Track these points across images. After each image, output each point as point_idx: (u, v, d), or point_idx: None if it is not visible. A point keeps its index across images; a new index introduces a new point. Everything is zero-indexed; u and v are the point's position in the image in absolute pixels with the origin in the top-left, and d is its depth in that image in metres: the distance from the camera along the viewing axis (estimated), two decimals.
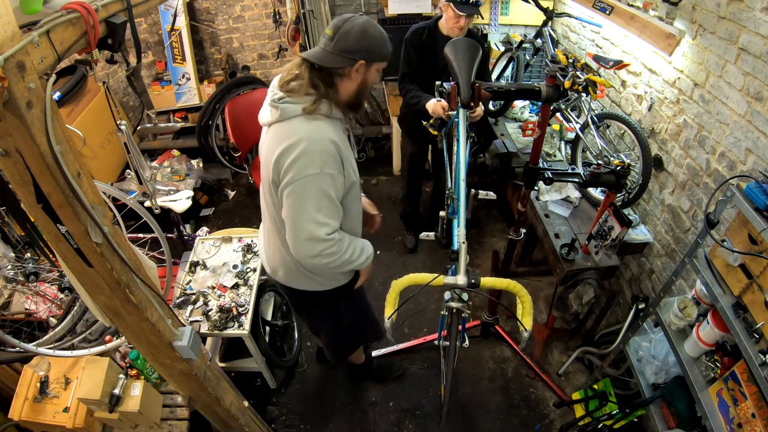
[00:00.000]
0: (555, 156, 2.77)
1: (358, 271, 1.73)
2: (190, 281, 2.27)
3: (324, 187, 1.32)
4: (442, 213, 2.33)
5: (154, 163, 3.63)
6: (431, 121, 2.35)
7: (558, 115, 2.72)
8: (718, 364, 1.57)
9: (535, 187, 2.35)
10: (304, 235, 1.35)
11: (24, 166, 0.85)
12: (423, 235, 2.23)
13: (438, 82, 2.30)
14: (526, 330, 1.45)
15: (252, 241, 2.46)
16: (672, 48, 1.96)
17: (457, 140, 1.94)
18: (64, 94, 3.10)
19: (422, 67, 2.49)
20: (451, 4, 2.29)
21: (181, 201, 2.85)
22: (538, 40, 2.82)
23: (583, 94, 2.20)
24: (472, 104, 1.86)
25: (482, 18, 2.40)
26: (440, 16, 2.44)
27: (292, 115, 1.32)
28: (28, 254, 2.01)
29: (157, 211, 2.33)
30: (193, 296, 2.17)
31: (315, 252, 1.38)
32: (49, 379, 1.93)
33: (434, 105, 2.28)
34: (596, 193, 2.47)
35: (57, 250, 1.05)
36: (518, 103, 3.24)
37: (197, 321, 2.07)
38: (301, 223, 1.35)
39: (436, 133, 2.37)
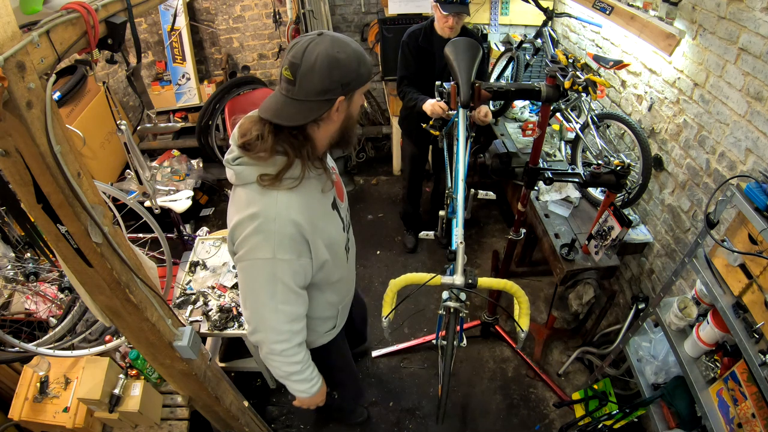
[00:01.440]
0: (555, 156, 2.77)
1: (334, 343, 1.57)
2: (190, 281, 2.27)
3: (277, 273, 1.10)
4: (441, 212, 2.32)
5: (154, 163, 3.63)
6: (431, 122, 2.35)
7: (558, 115, 2.72)
8: (718, 364, 1.57)
9: (535, 187, 2.34)
10: (259, 324, 1.18)
11: (24, 166, 0.85)
12: (422, 234, 2.23)
13: (438, 82, 2.30)
14: (522, 331, 1.46)
15: None
16: (672, 48, 1.96)
17: (457, 140, 1.94)
18: (64, 94, 3.10)
19: (420, 69, 2.49)
20: (438, 4, 2.29)
21: (181, 201, 2.85)
22: (538, 40, 2.82)
23: (583, 94, 2.20)
24: (471, 104, 1.86)
25: (469, 15, 2.37)
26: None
27: (249, 182, 1.08)
28: (28, 254, 2.01)
29: (157, 211, 2.34)
30: (193, 296, 2.17)
31: (265, 341, 1.21)
32: (49, 379, 1.93)
33: (432, 105, 2.28)
34: (596, 193, 2.47)
35: (57, 250, 1.05)
36: (518, 103, 3.24)
37: (197, 321, 2.07)
38: (255, 308, 1.17)
39: (437, 133, 2.37)
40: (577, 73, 1.73)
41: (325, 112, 1.04)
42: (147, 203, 2.33)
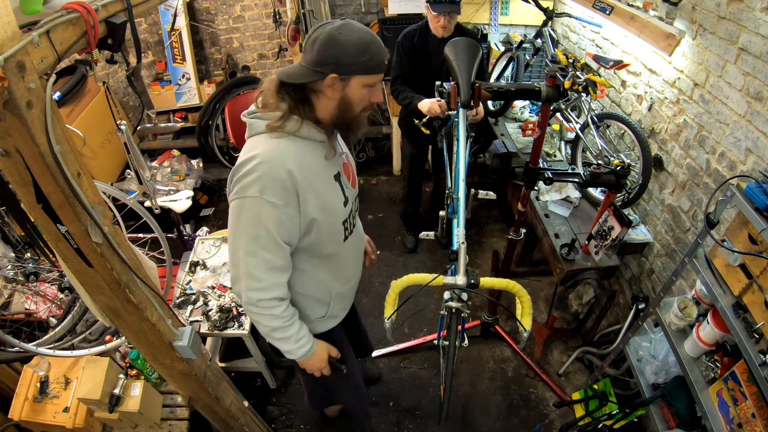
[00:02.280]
0: (555, 156, 2.77)
1: (334, 331, 1.54)
2: (190, 281, 2.27)
3: (262, 216, 1.12)
4: (441, 213, 2.33)
5: (154, 163, 3.63)
6: (424, 120, 2.35)
7: (558, 115, 2.71)
8: (718, 364, 1.57)
9: (535, 187, 2.34)
10: (239, 267, 1.18)
11: (24, 166, 0.85)
12: (423, 234, 2.23)
13: (438, 82, 2.30)
14: (525, 330, 1.46)
15: None
16: (672, 48, 1.96)
17: (457, 140, 1.94)
18: (64, 94, 3.10)
19: (416, 69, 2.49)
20: (429, 4, 2.30)
21: (181, 201, 2.85)
22: (538, 40, 2.82)
23: (583, 94, 2.20)
24: (472, 104, 1.87)
25: (459, 14, 2.37)
26: None
27: (257, 132, 1.17)
28: (28, 254, 2.01)
29: (157, 211, 2.34)
30: (193, 296, 2.17)
31: (251, 286, 1.19)
32: (49, 379, 1.93)
33: (431, 104, 2.28)
34: (596, 193, 2.47)
35: (57, 250, 1.05)
36: (518, 103, 3.24)
37: (197, 321, 2.07)
38: (237, 250, 1.17)
39: (428, 132, 2.37)
40: (577, 73, 1.73)
41: (316, 81, 1.11)
42: (147, 203, 2.33)
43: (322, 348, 1.43)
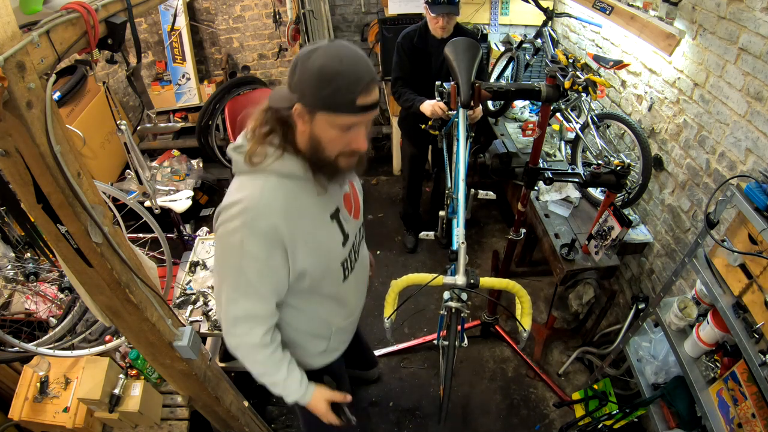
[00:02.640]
0: (555, 156, 2.77)
1: (329, 371, 1.43)
2: (190, 281, 2.27)
3: (242, 265, 1.04)
4: (441, 213, 2.33)
5: (154, 163, 3.63)
6: (430, 122, 2.35)
7: (558, 115, 2.71)
8: (718, 364, 1.57)
9: (535, 187, 2.34)
10: (221, 310, 1.12)
11: (24, 166, 0.85)
12: (422, 234, 2.23)
13: (438, 82, 2.30)
14: (525, 330, 1.46)
15: None
16: (672, 48, 1.96)
17: (457, 140, 1.94)
18: (64, 94, 3.10)
19: (416, 70, 2.49)
20: (427, 5, 2.30)
21: (181, 201, 2.85)
22: (538, 40, 2.82)
23: (583, 94, 2.20)
24: (472, 104, 1.87)
25: (458, 15, 2.38)
26: None
27: (241, 171, 1.08)
28: (28, 254, 2.01)
29: (157, 211, 2.34)
30: (193, 296, 2.17)
31: (229, 332, 1.13)
32: (49, 379, 1.93)
33: (432, 105, 2.28)
34: (596, 193, 2.47)
35: (57, 250, 1.05)
36: (518, 103, 3.24)
37: (197, 321, 2.07)
38: (219, 293, 1.12)
39: (436, 133, 2.36)
40: (577, 73, 1.73)
41: (286, 108, 1.00)
42: (147, 203, 2.33)
43: (319, 397, 1.29)
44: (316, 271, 1.16)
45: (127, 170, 3.49)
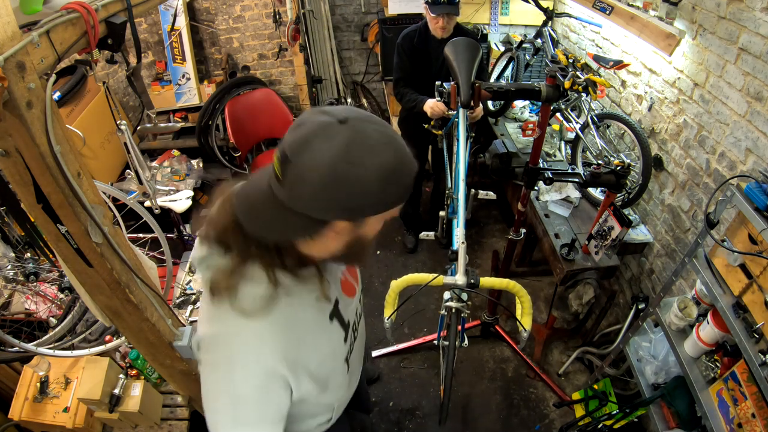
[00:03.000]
0: (555, 156, 2.77)
1: None
2: (190, 281, 2.27)
3: (239, 412, 0.82)
4: (441, 213, 2.33)
5: (154, 163, 3.63)
6: (432, 122, 2.35)
7: (558, 115, 2.72)
8: (718, 364, 1.57)
9: (535, 187, 2.34)
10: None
11: (24, 166, 0.85)
12: (423, 234, 2.23)
13: (438, 82, 2.30)
14: (525, 330, 1.46)
15: None
16: (672, 48, 1.96)
17: (457, 140, 1.94)
18: (64, 94, 3.10)
19: (416, 70, 2.49)
20: (427, 5, 2.29)
21: (181, 201, 2.85)
22: (538, 40, 2.82)
23: (583, 94, 2.20)
24: (472, 104, 1.87)
25: (458, 16, 2.38)
26: None
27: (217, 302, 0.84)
28: (28, 254, 2.01)
29: (157, 211, 2.34)
30: (193, 296, 2.17)
31: None
32: (49, 379, 1.93)
33: (433, 105, 2.28)
34: (596, 193, 2.47)
35: (57, 250, 1.05)
36: (518, 103, 3.24)
37: (197, 321, 2.07)
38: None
39: (439, 132, 2.36)
40: (577, 73, 1.73)
41: (315, 233, 0.75)
42: (147, 203, 2.33)
43: None
44: (318, 386, 0.96)
45: (127, 170, 3.49)
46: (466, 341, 1.70)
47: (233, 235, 0.79)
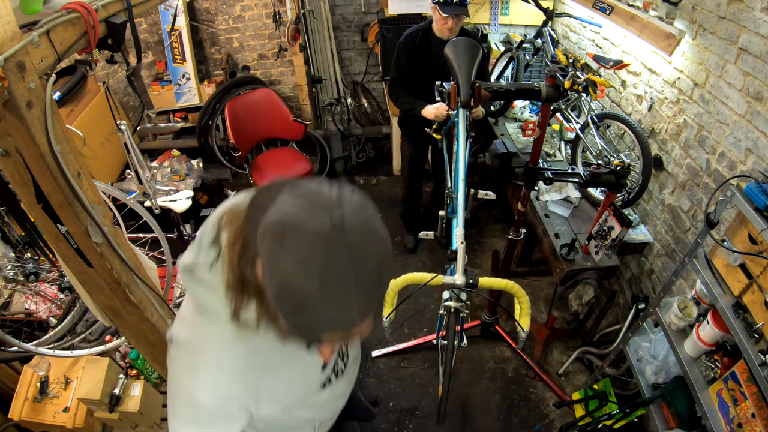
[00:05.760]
0: (555, 156, 2.77)
1: None
2: None
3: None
4: (441, 212, 2.33)
5: (154, 163, 3.63)
6: (434, 126, 2.33)
7: (558, 115, 2.72)
8: (718, 364, 1.57)
9: (535, 187, 2.34)
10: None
11: (24, 166, 0.86)
12: (422, 234, 2.23)
13: (438, 82, 2.30)
14: (523, 330, 1.46)
15: None
16: (672, 48, 1.96)
17: (457, 140, 1.94)
18: (64, 94, 3.10)
19: (416, 71, 2.48)
20: (437, 5, 2.28)
21: (181, 201, 2.85)
22: (538, 40, 2.82)
23: (583, 94, 2.20)
24: (471, 104, 1.87)
25: (468, 17, 2.36)
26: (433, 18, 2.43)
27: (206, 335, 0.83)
28: (28, 254, 2.01)
29: (157, 211, 2.34)
30: None
31: None
32: (49, 379, 1.93)
33: (436, 109, 2.27)
34: (596, 193, 2.47)
35: (57, 250, 1.05)
36: (518, 103, 3.24)
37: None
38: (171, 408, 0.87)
39: (439, 137, 2.36)
40: (577, 73, 1.73)
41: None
42: (147, 203, 2.33)
43: None
44: (287, 405, 0.95)
45: (127, 170, 3.49)
46: (465, 341, 1.70)
47: (257, 297, 0.75)
